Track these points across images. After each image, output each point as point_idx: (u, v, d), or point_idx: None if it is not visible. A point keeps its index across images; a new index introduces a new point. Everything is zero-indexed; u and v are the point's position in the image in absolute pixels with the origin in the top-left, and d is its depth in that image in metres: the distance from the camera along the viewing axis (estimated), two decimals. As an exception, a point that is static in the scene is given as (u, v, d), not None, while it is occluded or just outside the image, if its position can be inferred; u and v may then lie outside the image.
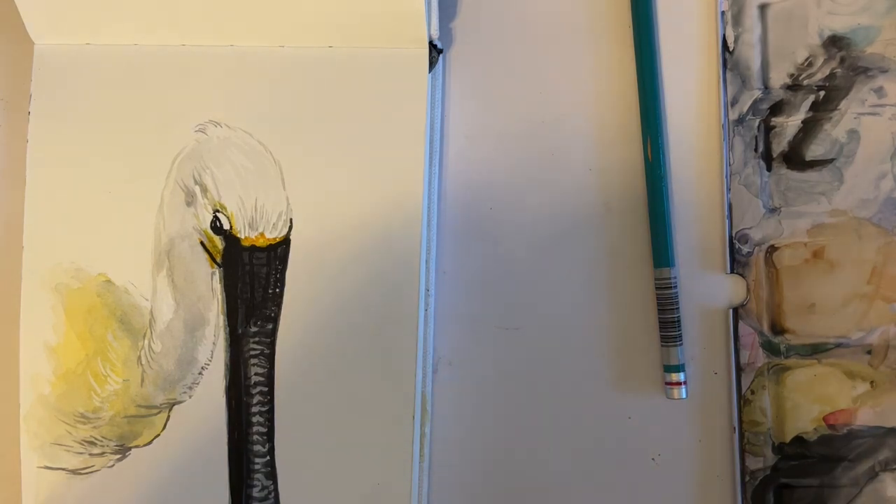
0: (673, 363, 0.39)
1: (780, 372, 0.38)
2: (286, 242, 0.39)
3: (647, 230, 0.40)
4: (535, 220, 0.40)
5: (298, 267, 0.39)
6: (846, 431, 0.38)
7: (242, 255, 0.39)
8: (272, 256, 0.39)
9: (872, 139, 0.38)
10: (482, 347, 0.40)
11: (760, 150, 0.39)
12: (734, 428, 0.39)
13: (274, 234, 0.39)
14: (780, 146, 0.39)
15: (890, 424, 0.38)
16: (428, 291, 0.39)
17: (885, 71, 0.38)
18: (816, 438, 0.38)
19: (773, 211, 0.39)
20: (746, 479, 0.38)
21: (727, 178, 0.39)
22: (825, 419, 0.38)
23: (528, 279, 0.40)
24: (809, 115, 0.39)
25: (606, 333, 0.40)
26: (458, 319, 0.40)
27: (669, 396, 0.39)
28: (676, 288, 0.39)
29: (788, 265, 0.39)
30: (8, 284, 0.40)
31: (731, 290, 0.39)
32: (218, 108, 0.40)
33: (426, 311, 0.39)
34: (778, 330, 0.39)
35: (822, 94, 0.39)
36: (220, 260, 0.39)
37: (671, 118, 0.40)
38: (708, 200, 0.40)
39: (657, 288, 0.39)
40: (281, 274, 0.39)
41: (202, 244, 0.39)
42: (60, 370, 0.39)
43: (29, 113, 0.40)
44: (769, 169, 0.39)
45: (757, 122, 0.39)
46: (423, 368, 0.39)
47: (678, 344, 0.39)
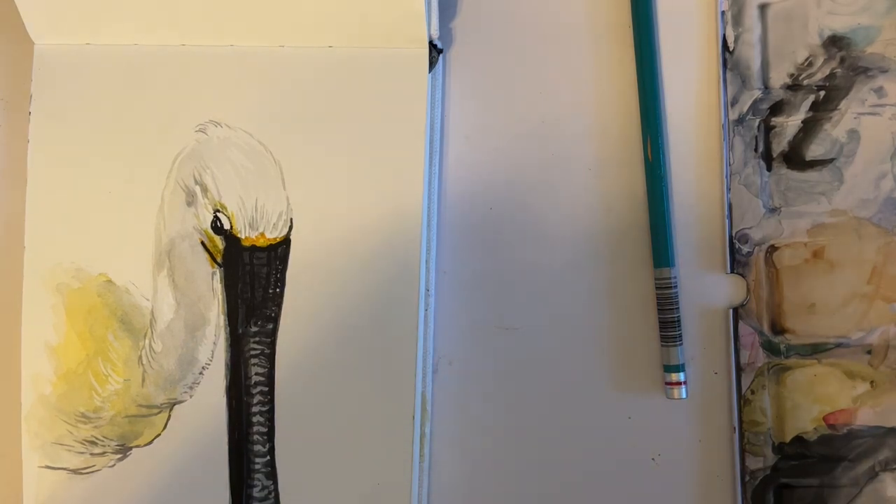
0: (673, 363, 0.39)
1: (780, 372, 0.38)
2: (286, 242, 0.39)
3: (647, 230, 0.40)
4: (535, 220, 0.40)
5: (298, 267, 0.39)
6: (846, 431, 0.38)
7: (243, 254, 0.39)
8: (272, 256, 0.39)
9: (872, 139, 0.38)
10: (482, 347, 0.40)
11: (760, 149, 0.39)
12: (734, 428, 0.39)
13: (274, 234, 0.39)
14: (780, 146, 0.39)
15: (890, 424, 0.38)
16: (428, 291, 0.39)
17: (885, 71, 0.38)
18: (816, 438, 0.38)
19: (773, 211, 0.39)
20: (746, 478, 0.38)
21: (727, 177, 0.39)
22: (825, 419, 0.38)
23: (528, 279, 0.40)
24: (809, 114, 0.39)
25: (606, 333, 0.40)
26: (458, 319, 0.40)
27: (669, 396, 0.39)
28: (676, 288, 0.39)
29: (788, 265, 0.39)
30: (9, 284, 0.41)
31: (731, 289, 0.39)
32: (218, 108, 0.40)
33: (426, 311, 0.39)
34: (778, 330, 0.39)
35: (822, 93, 0.39)
36: (220, 260, 0.39)
37: (671, 118, 0.40)
38: (708, 200, 0.40)
39: (657, 288, 0.39)
40: (281, 274, 0.39)
41: (203, 244, 0.39)
42: (61, 370, 0.39)
43: (29, 113, 0.40)
44: (769, 169, 0.39)
45: (757, 121, 0.39)
46: (423, 368, 0.39)
47: (678, 344, 0.39)
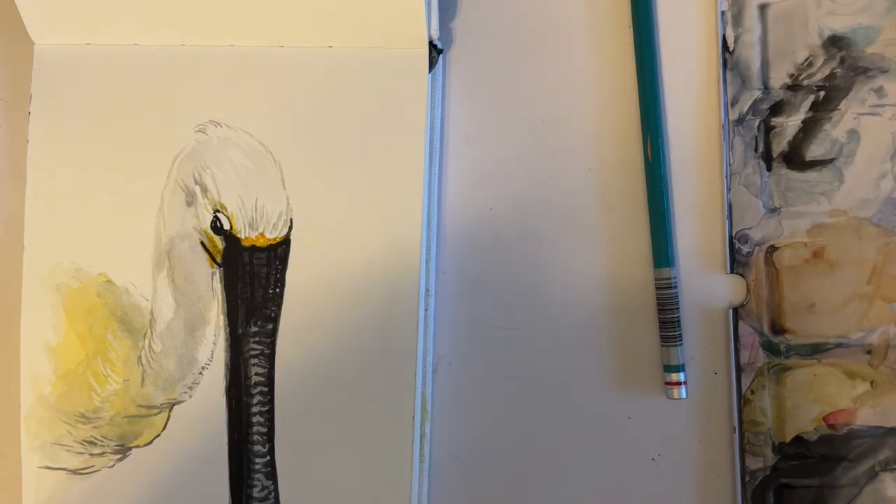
0: (673, 363, 0.39)
1: (780, 372, 0.38)
2: (286, 242, 0.39)
3: (647, 230, 0.40)
4: (535, 220, 0.40)
5: (298, 267, 0.39)
6: (846, 431, 0.38)
7: (243, 255, 0.39)
8: (272, 256, 0.39)
9: (872, 139, 0.38)
10: (482, 347, 0.40)
11: (760, 150, 0.39)
12: (734, 428, 0.39)
13: (274, 234, 0.39)
14: (780, 146, 0.39)
15: (890, 424, 0.38)
16: (428, 292, 0.39)
17: (885, 71, 0.38)
18: (816, 438, 0.38)
19: (773, 211, 0.39)
20: (746, 478, 0.38)
21: (727, 178, 0.39)
22: (825, 419, 0.38)
23: (528, 279, 0.40)
24: (809, 115, 0.39)
25: (606, 333, 0.40)
26: (458, 319, 0.40)
27: (669, 396, 0.39)
28: (676, 288, 0.39)
29: (788, 265, 0.39)
30: (8, 284, 0.41)
31: (731, 290, 0.39)
32: (218, 108, 0.40)
33: (426, 311, 0.39)
34: (778, 330, 0.39)
35: (822, 94, 0.39)
36: (220, 260, 0.39)
37: (671, 118, 0.40)
38: (708, 200, 0.40)
39: (657, 288, 0.39)
40: (281, 274, 0.39)
41: (202, 244, 0.39)
42: (61, 370, 0.39)
43: (29, 113, 0.40)
44: (769, 169, 0.39)
45: (757, 122, 0.39)
46: (423, 368, 0.39)
47: (678, 344, 0.39)
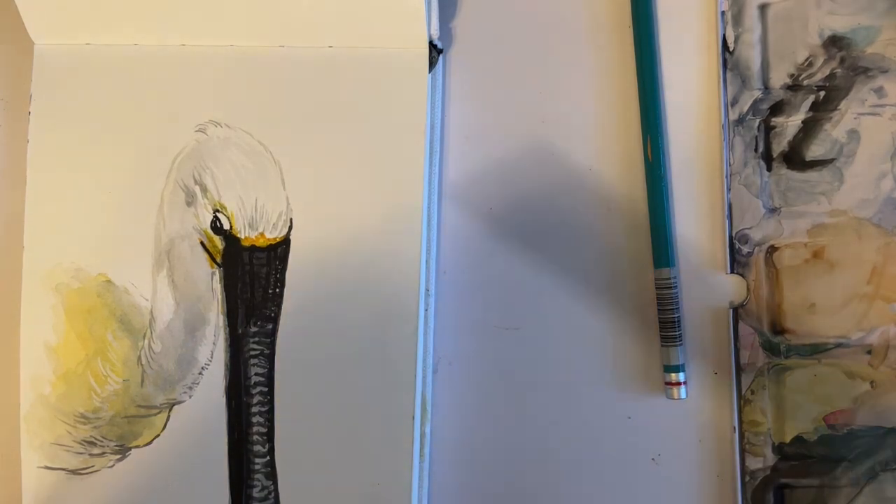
0: (673, 363, 0.39)
1: (780, 372, 0.38)
2: (286, 242, 0.39)
3: (647, 230, 0.40)
4: (535, 220, 0.40)
5: (298, 267, 0.39)
6: (846, 431, 0.38)
7: (242, 255, 0.39)
8: (272, 256, 0.39)
9: (872, 139, 0.38)
10: (482, 347, 0.40)
11: (760, 150, 0.39)
12: (734, 428, 0.39)
13: (274, 234, 0.39)
14: (780, 146, 0.39)
15: (890, 424, 0.38)
16: (428, 291, 0.39)
17: (885, 71, 0.38)
18: (816, 438, 0.38)
19: (773, 211, 0.39)
20: (746, 479, 0.38)
21: (727, 178, 0.39)
22: (825, 419, 0.38)
23: (528, 279, 0.40)
24: (809, 115, 0.39)
25: (606, 333, 0.40)
26: (458, 319, 0.40)
27: (669, 396, 0.39)
28: (676, 288, 0.39)
29: (788, 265, 0.39)
30: (8, 284, 0.40)
31: (731, 290, 0.39)
32: (218, 107, 0.40)
33: (426, 311, 0.39)
34: (778, 330, 0.39)
35: (822, 94, 0.39)
36: (220, 260, 0.39)
37: (671, 118, 0.40)
38: (708, 200, 0.40)
39: (657, 288, 0.39)
40: (281, 274, 0.39)
41: (202, 244, 0.39)
42: (60, 370, 0.39)
43: (29, 113, 0.40)
44: (769, 169, 0.39)
45: (757, 122, 0.39)
46: (423, 368, 0.39)
47: (678, 344, 0.39)
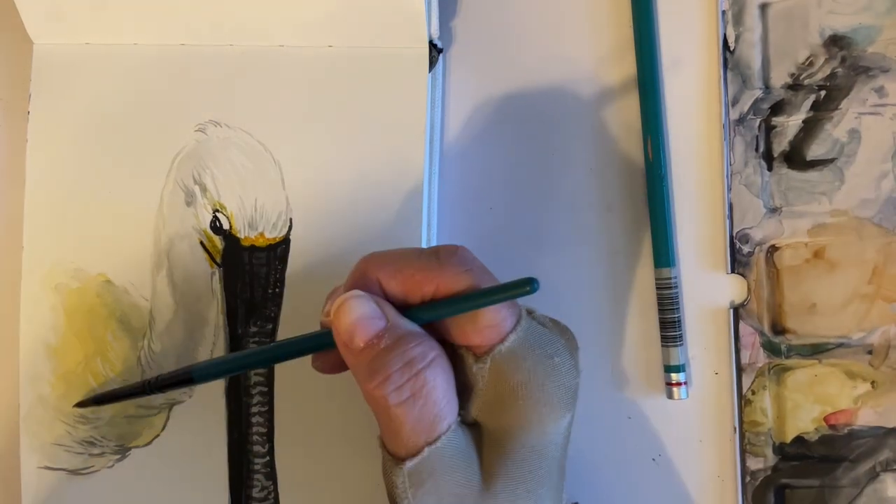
0: (673, 363, 0.38)
1: (780, 372, 0.38)
2: (286, 242, 0.39)
3: (647, 230, 0.40)
4: (535, 220, 0.40)
5: (298, 267, 0.39)
6: (847, 432, 0.38)
7: (242, 255, 0.39)
8: (272, 256, 0.39)
9: (873, 139, 0.38)
10: (482, 347, 0.40)
11: (761, 149, 0.39)
12: (735, 428, 0.39)
13: (274, 233, 0.39)
14: (780, 146, 0.39)
15: (891, 425, 0.38)
16: (428, 291, 0.39)
17: (886, 70, 0.38)
18: (817, 439, 0.38)
19: (773, 211, 0.39)
20: (747, 479, 0.38)
21: (728, 177, 0.39)
22: (826, 419, 0.38)
23: (528, 279, 0.40)
24: (810, 114, 0.39)
25: (607, 333, 0.40)
26: (458, 319, 0.40)
27: (670, 397, 0.39)
28: (677, 288, 0.39)
29: (789, 265, 0.39)
30: (8, 284, 0.40)
31: (731, 290, 0.39)
32: (218, 107, 0.39)
33: (426, 311, 0.39)
34: (779, 330, 0.39)
35: (822, 93, 0.39)
36: (219, 260, 0.39)
37: (672, 118, 0.40)
38: (709, 200, 0.40)
39: (658, 288, 0.39)
40: (281, 274, 0.39)
41: (202, 244, 0.39)
42: (60, 370, 0.39)
43: (28, 113, 0.40)
44: (770, 169, 0.39)
45: (758, 121, 0.39)
46: (423, 368, 0.39)
47: (679, 344, 0.39)
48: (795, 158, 0.39)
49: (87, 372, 0.39)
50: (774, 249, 0.39)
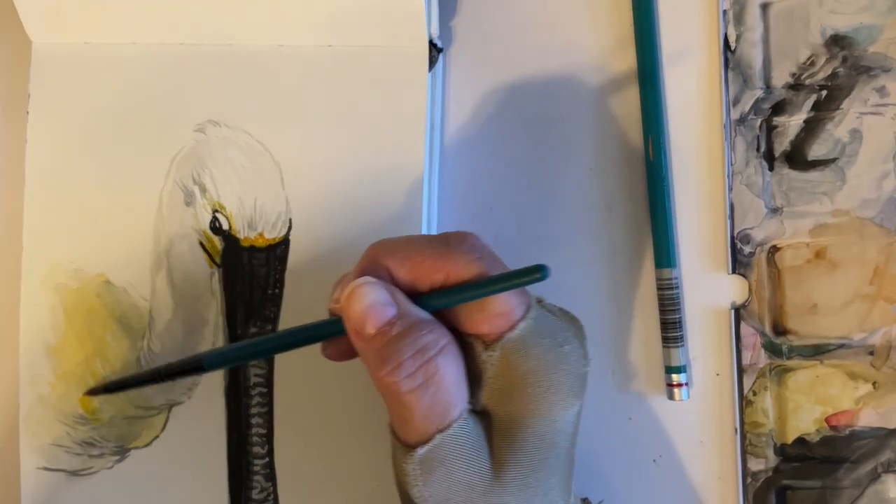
0: (674, 364, 0.38)
1: (781, 373, 0.38)
2: (286, 243, 0.39)
3: (648, 230, 0.39)
4: (535, 220, 0.40)
5: (298, 267, 0.39)
6: (848, 433, 0.38)
7: (242, 255, 0.39)
8: (271, 257, 0.39)
9: (875, 139, 0.38)
10: (482, 348, 0.40)
11: (762, 149, 0.39)
12: (736, 429, 0.39)
13: (273, 234, 0.39)
14: (782, 146, 0.39)
15: (892, 426, 0.37)
16: (428, 292, 0.39)
17: (887, 70, 0.38)
18: (818, 440, 0.38)
19: (775, 211, 0.39)
20: (748, 480, 0.38)
21: (729, 177, 0.39)
22: (827, 420, 0.38)
23: (528, 279, 0.40)
24: (811, 114, 0.39)
25: (608, 334, 0.40)
26: (458, 320, 0.40)
27: (671, 398, 0.39)
28: (678, 289, 0.39)
29: (790, 265, 0.39)
30: (8, 284, 0.40)
31: (732, 290, 0.39)
32: (217, 107, 0.39)
33: (426, 311, 0.39)
34: (780, 331, 0.39)
35: (824, 93, 0.39)
36: (219, 260, 0.39)
37: (672, 118, 0.40)
38: (710, 200, 0.40)
39: (659, 288, 0.39)
40: (280, 274, 0.39)
41: (201, 244, 0.39)
42: (60, 371, 0.39)
43: (27, 112, 0.40)
44: (771, 169, 0.39)
45: (759, 121, 0.39)
46: (423, 369, 0.39)
47: (680, 345, 0.38)
48: (797, 158, 0.39)
49: (86, 372, 0.39)
50: (776, 250, 0.39)
